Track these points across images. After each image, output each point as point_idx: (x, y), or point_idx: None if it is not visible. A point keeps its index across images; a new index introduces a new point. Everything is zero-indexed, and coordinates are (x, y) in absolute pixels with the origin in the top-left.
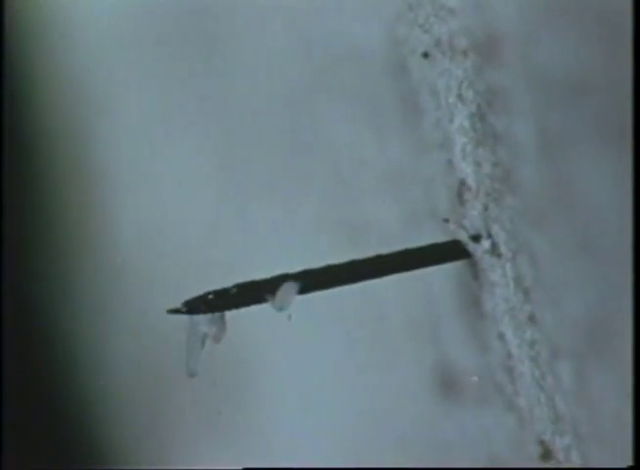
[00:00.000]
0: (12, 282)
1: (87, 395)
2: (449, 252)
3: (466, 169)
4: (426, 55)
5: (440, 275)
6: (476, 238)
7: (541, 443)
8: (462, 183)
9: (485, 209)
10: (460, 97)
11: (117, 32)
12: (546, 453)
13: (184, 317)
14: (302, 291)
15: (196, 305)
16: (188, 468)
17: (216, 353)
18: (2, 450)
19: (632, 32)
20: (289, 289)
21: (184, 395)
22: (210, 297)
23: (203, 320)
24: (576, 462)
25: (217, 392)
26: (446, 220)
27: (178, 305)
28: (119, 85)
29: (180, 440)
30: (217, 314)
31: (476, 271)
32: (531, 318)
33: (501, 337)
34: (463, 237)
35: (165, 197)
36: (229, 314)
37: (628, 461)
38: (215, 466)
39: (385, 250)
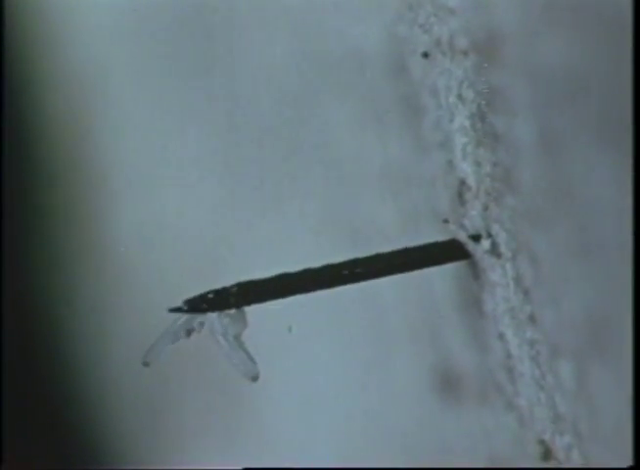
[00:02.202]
0: (12, 282)
1: (87, 394)
2: (449, 252)
3: (466, 169)
4: (426, 55)
5: (440, 275)
6: (476, 238)
7: (541, 442)
8: (462, 183)
9: (485, 208)
10: (460, 97)
11: (118, 32)
12: (546, 453)
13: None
14: (302, 291)
15: (196, 304)
16: (188, 468)
17: (217, 353)
18: (2, 450)
19: (632, 32)
20: None
21: (184, 395)
22: (210, 296)
23: (215, 319)
24: (577, 461)
25: (217, 391)
26: (446, 220)
27: (179, 304)
28: (120, 85)
29: (180, 440)
30: (236, 310)
31: (476, 271)
32: (531, 318)
33: (501, 337)
34: (463, 237)
35: (166, 197)
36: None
37: (629, 461)
38: (215, 466)
39: (384, 249)
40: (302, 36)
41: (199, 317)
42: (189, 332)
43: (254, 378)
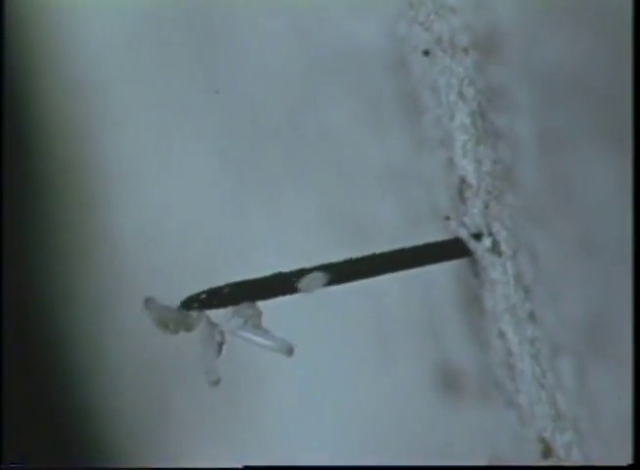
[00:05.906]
0: (12, 282)
1: (88, 394)
2: (450, 250)
3: (466, 167)
4: (426, 53)
5: (441, 273)
6: (476, 236)
7: (542, 440)
8: (463, 181)
9: (486, 206)
10: (461, 95)
11: (118, 32)
12: (547, 451)
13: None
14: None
15: (189, 305)
16: (188, 468)
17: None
18: (2, 451)
19: (633, 30)
20: (316, 278)
21: (185, 394)
22: (203, 296)
23: (223, 318)
24: (577, 459)
25: (218, 391)
26: (447, 218)
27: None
28: (121, 85)
29: (181, 439)
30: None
31: (476, 269)
32: (532, 316)
33: (501, 335)
34: (464, 235)
35: (166, 196)
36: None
37: (629, 459)
38: (215, 466)
39: (385, 248)
40: (302, 34)
41: (216, 327)
42: (220, 347)
43: (291, 352)
